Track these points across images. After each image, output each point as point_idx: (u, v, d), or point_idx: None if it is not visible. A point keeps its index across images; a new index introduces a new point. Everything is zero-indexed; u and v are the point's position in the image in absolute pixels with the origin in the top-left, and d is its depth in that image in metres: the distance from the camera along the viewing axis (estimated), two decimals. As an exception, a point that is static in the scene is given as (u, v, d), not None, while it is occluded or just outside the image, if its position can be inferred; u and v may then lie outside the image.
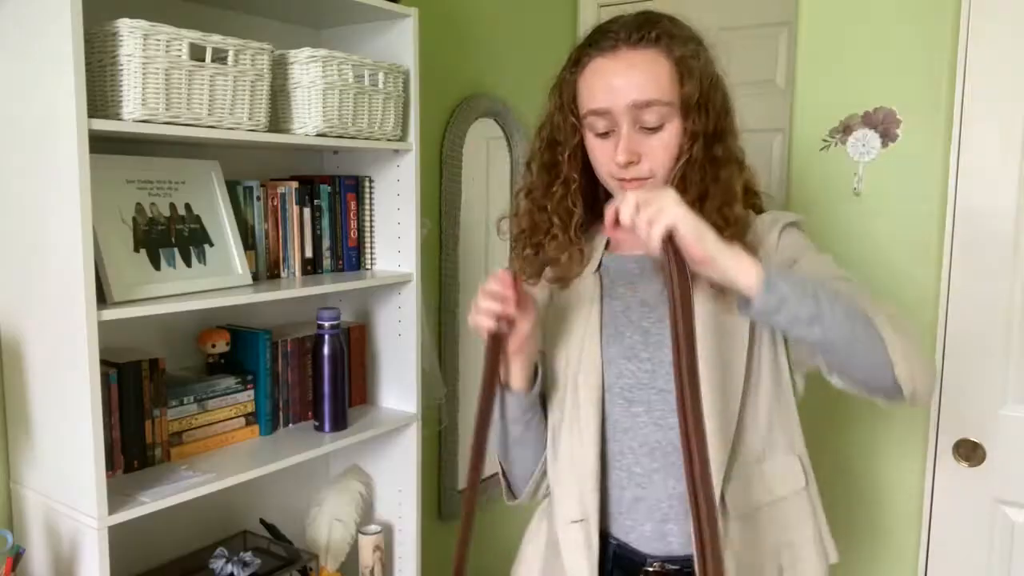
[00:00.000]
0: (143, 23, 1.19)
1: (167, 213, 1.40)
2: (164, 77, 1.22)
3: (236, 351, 1.58)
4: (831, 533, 1.18)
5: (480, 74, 2.21)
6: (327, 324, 1.62)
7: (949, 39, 1.65)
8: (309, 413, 1.68)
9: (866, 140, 1.76)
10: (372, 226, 1.76)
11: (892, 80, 1.72)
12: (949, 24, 1.65)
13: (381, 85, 1.58)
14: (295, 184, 1.61)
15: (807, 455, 1.18)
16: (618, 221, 0.96)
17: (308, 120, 1.47)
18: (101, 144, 1.30)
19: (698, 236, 0.92)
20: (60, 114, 1.14)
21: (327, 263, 1.68)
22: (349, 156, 1.78)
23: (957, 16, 1.63)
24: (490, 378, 1.10)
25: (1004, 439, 1.65)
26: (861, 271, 1.46)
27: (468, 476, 1.10)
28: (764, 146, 2.16)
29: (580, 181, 1.16)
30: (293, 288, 1.50)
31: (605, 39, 1.09)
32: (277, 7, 1.59)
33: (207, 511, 1.61)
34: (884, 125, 1.73)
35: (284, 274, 1.61)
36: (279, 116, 1.49)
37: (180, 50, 1.24)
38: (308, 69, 1.45)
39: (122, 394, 1.34)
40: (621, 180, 1.10)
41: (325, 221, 1.67)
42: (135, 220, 1.35)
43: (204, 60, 1.27)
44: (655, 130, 1.07)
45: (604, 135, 1.10)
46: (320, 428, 1.63)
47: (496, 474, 1.27)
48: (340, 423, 1.64)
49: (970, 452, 1.68)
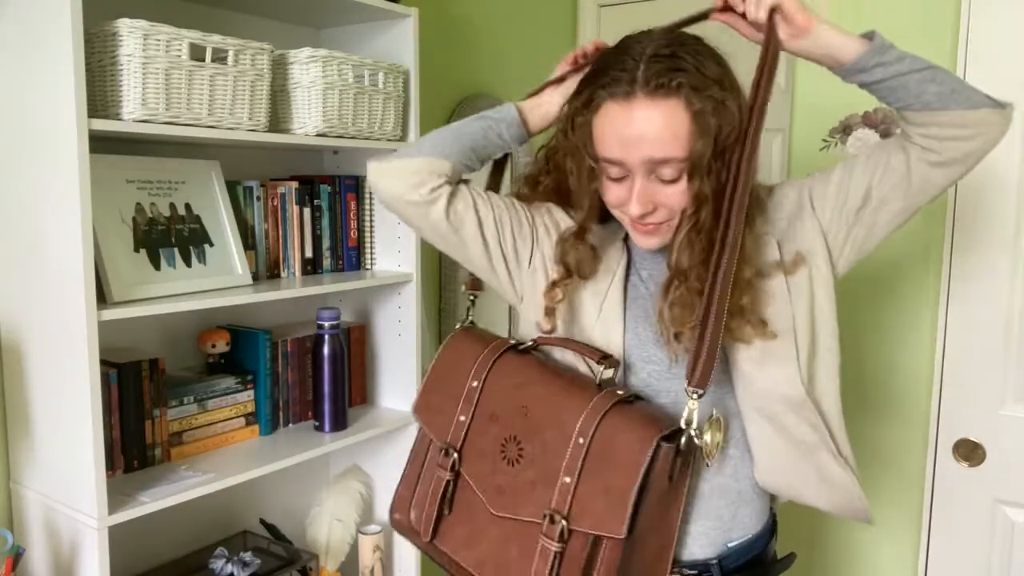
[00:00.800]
0: (143, 23, 1.19)
1: (167, 213, 1.40)
2: (164, 77, 1.22)
3: (236, 351, 1.58)
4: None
5: (480, 74, 2.21)
6: (327, 324, 1.62)
7: (949, 38, 1.65)
8: (309, 413, 1.68)
9: (866, 140, 1.76)
10: (372, 226, 1.76)
11: (892, 80, 1.72)
12: (949, 23, 1.65)
13: (381, 85, 1.58)
14: (295, 184, 1.61)
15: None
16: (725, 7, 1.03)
17: (308, 120, 1.47)
18: (101, 144, 1.30)
19: (801, 7, 1.00)
20: (60, 114, 1.14)
21: (327, 263, 1.68)
22: (349, 156, 1.78)
23: (957, 15, 1.63)
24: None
25: (1004, 439, 1.65)
26: (861, 271, 1.46)
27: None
28: (764, 146, 2.16)
29: (596, 211, 1.11)
30: (293, 288, 1.50)
31: (620, 82, 0.99)
32: (277, 7, 1.59)
33: (207, 511, 1.61)
34: (884, 125, 1.73)
35: (284, 274, 1.61)
36: (279, 116, 1.49)
37: (180, 50, 1.24)
38: (308, 69, 1.45)
39: (122, 394, 1.34)
40: (633, 221, 1.06)
41: (325, 221, 1.67)
42: (135, 220, 1.35)
43: (204, 60, 1.27)
44: (672, 181, 1.01)
45: (618, 180, 1.04)
46: (320, 428, 1.63)
47: None
48: (340, 423, 1.64)
49: (970, 452, 1.68)
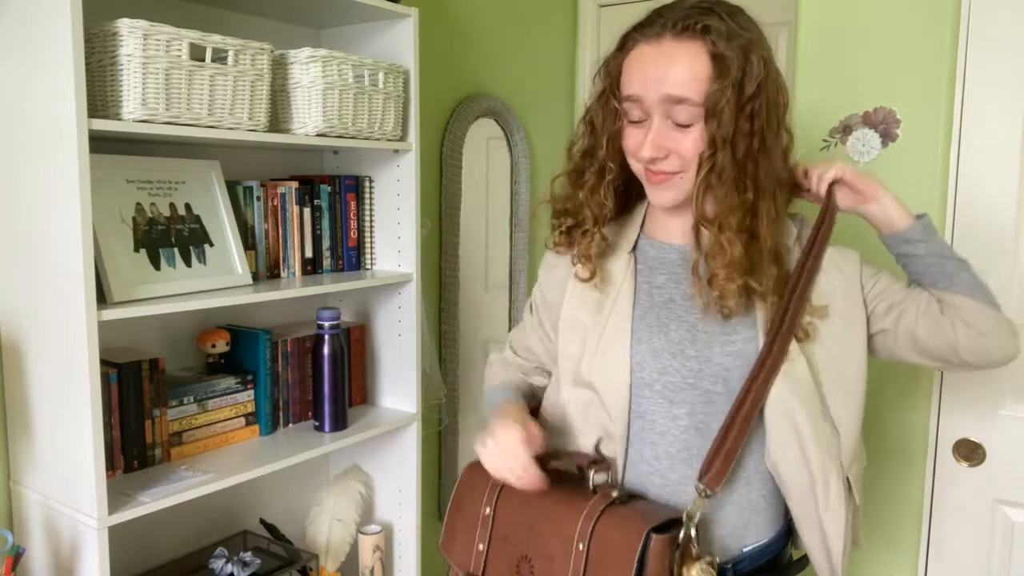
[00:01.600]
0: (143, 23, 1.19)
1: (167, 213, 1.40)
2: (164, 77, 1.22)
3: (236, 351, 1.58)
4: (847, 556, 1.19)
5: (480, 74, 2.21)
6: (327, 324, 1.62)
7: (949, 39, 1.65)
8: (309, 413, 1.68)
9: (866, 140, 1.75)
10: (372, 226, 1.76)
11: (892, 80, 1.72)
12: (949, 24, 1.65)
13: (381, 85, 1.58)
14: (295, 184, 1.61)
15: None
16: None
17: (308, 120, 1.47)
18: (101, 144, 1.30)
19: (863, 175, 1.11)
20: (60, 114, 1.14)
21: (327, 263, 1.68)
22: (349, 156, 1.78)
23: (957, 16, 1.63)
24: None
25: (1004, 439, 1.65)
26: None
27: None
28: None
29: (616, 171, 1.12)
30: (293, 288, 1.50)
31: (653, 24, 1.04)
32: (277, 7, 1.59)
33: (207, 511, 1.61)
34: (884, 125, 1.73)
35: (284, 274, 1.61)
36: (279, 116, 1.49)
37: (180, 50, 1.24)
38: (308, 69, 1.45)
39: (122, 394, 1.34)
40: (646, 171, 1.08)
41: (325, 221, 1.67)
42: (135, 220, 1.35)
43: (204, 60, 1.27)
44: (687, 127, 1.03)
45: (638, 123, 1.07)
46: (320, 428, 1.63)
47: None
48: (340, 423, 1.64)
49: (970, 452, 1.68)
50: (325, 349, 1.62)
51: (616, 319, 1.13)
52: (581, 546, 1.03)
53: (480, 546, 1.16)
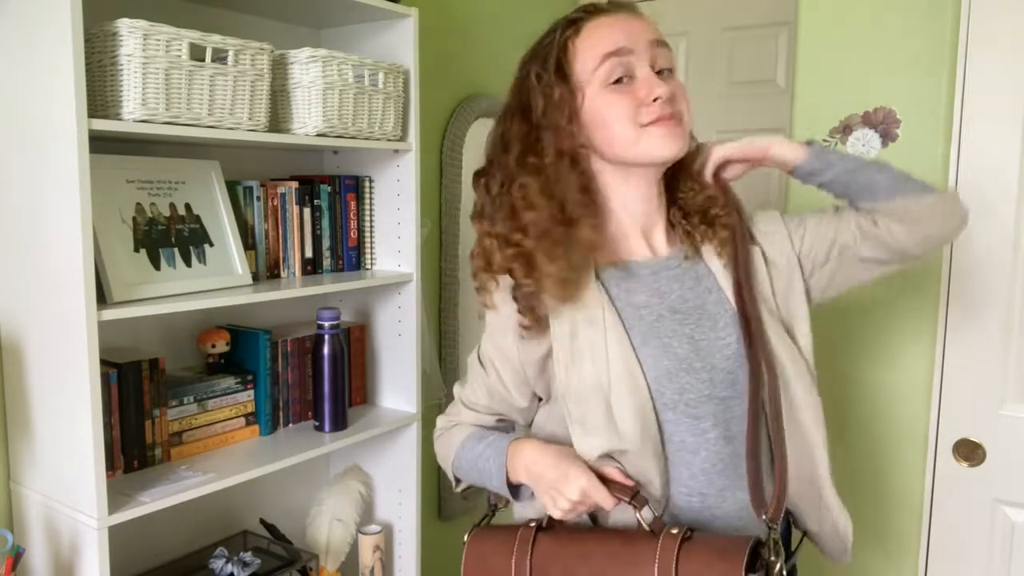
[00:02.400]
0: (143, 23, 1.19)
1: (167, 213, 1.40)
2: (164, 77, 1.22)
3: (236, 351, 1.58)
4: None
5: (480, 74, 2.21)
6: (327, 324, 1.62)
7: (949, 39, 1.65)
8: (309, 413, 1.68)
9: (866, 140, 1.76)
10: (372, 226, 1.76)
11: (892, 80, 1.72)
12: (949, 24, 1.65)
13: (381, 85, 1.58)
14: (295, 184, 1.61)
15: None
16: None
17: (308, 120, 1.47)
18: (101, 144, 1.30)
19: (747, 143, 1.13)
20: (60, 114, 1.14)
21: (327, 263, 1.68)
22: (349, 156, 1.78)
23: (957, 16, 1.63)
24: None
25: (1004, 439, 1.65)
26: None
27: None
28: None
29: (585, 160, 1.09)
30: (293, 288, 1.50)
31: (598, 7, 1.11)
32: (277, 7, 1.59)
33: (207, 511, 1.61)
34: (884, 125, 1.73)
35: (284, 274, 1.61)
36: (279, 116, 1.49)
37: (180, 50, 1.24)
38: (308, 69, 1.45)
39: (122, 394, 1.34)
40: (658, 121, 1.04)
41: (325, 221, 1.67)
42: (135, 220, 1.35)
43: (204, 60, 1.27)
44: (668, 72, 1.08)
45: (619, 83, 1.05)
46: (320, 428, 1.63)
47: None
48: (340, 423, 1.64)
49: (970, 452, 1.68)
50: (325, 349, 1.62)
51: (618, 354, 1.04)
52: None
53: None
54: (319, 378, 1.63)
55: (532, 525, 1.07)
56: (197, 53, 1.27)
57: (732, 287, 1.12)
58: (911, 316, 1.77)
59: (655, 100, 1.04)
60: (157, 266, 1.35)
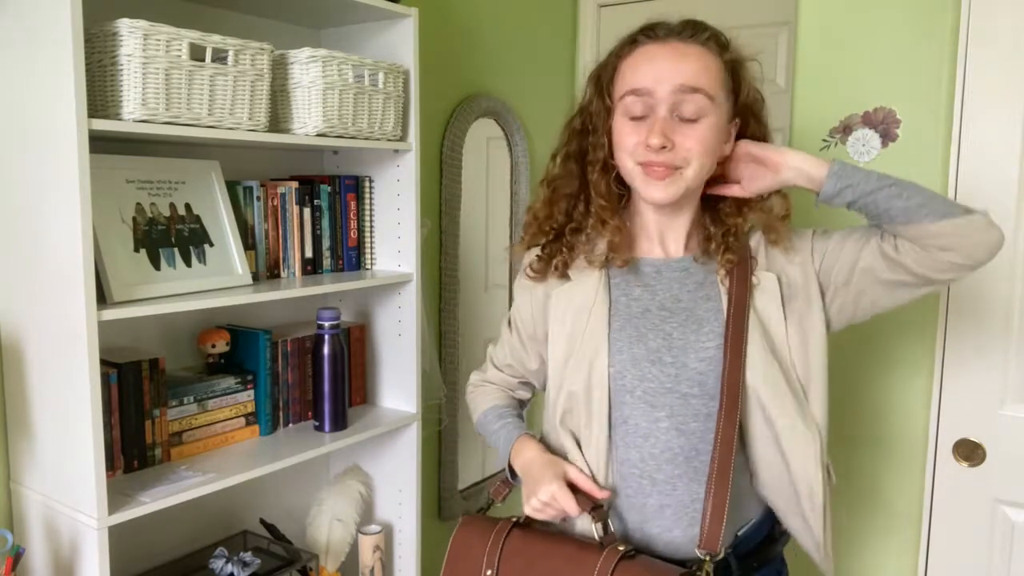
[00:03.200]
0: (143, 23, 1.19)
1: (167, 213, 1.40)
2: (164, 77, 1.22)
3: (236, 351, 1.58)
4: (831, 530, 1.20)
5: (480, 74, 2.21)
6: (327, 324, 1.62)
7: (949, 39, 1.65)
8: (309, 413, 1.68)
9: (866, 140, 1.75)
10: (372, 226, 1.76)
11: (892, 80, 1.72)
12: (949, 24, 1.65)
13: (381, 85, 1.58)
14: (295, 184, 1.61)
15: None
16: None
17: (308, 120, 1.47)
18: (101, 144, 1.30)
19: (764, 146, 1.14)
20: (60, 114, 1.14)
21: (327, 263, 1.68)
22: (349, 156, 1.78)
23: (957, 16, 1.63)
24: None
25: (1004, 439, 1.65)
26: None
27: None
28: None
29: (613, 169, 1.17)
30: (293, 288, 1.50)
31: (656, 30, 1.12)
32: (277, 7, 1.59)
33: (207, 511, 1.61)
34: (884, 125, 1.73)
35: (284, 274, 1.61)
36: (279, 116, 1.49)
37: (180, 50, 1.24)
38: (308, 69, 1.45)
39: (122, 394, 1.34)
40: (646, 165, 1.10)
41: (325, 221, 1.67)
42: (135, 220, 1.35)
43: (204, 60, 1.27)
44: (692, 121, 1.08)
45: (638, 119, 1.10)
46: (320, 428, 1.63)
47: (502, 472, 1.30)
48: (340, 423, 1.64)
49: (970, 452, 1.68)
50: (325, 349, 1.62)
51: (593, 331, 1.17)
52: None
53: None
54: (319, 378, 1.63)
55: (512, 520, 1.20)
56: (197, 53, 1.27)
57: (726, 307, 1.14)
58: (911, 315, 1.77)
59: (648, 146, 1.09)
60: (157, 266, 1.35)
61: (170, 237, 1.39)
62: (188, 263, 1.40)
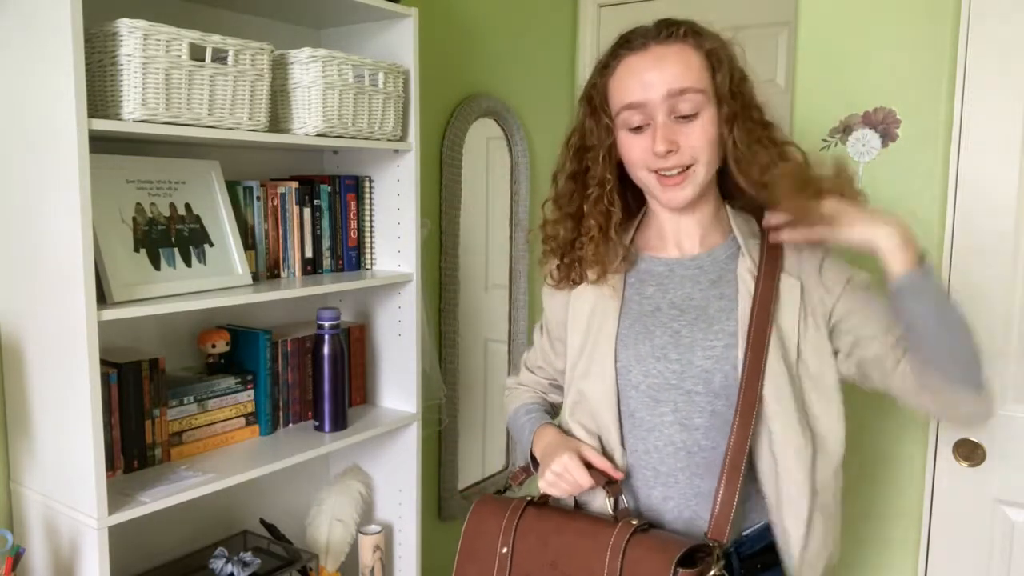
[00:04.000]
0: (143, 23, 1.19)
1: (167, 213, 1.40)
2: (164, 77, 1.22)
3: (236, 351, 1.58)
4: (818, 548, 1.21)
5: (480, 74, 2.21)
6: (327, 324, 1.62)
7: (949, 39, 1.65)
8: (309, 413, 1.68)
9: (866, 140, 1.75)
10: (372, 226, 1.76)
11: (892, 80, 1.72)
12: (949, 24, 1.65)
13: (381, 85, 1.58)
14: (295, 184, 1.61)
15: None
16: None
17: (308, 120, 1.47)
18: (101, 144, 1.30)
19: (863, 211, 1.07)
20: (60, 114, 1.14)
21: (327, 263, 1.68)
22: (349, 156, 1.78)
23: (957, 16, 1.63)
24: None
25: (1004, 439, 1.65)
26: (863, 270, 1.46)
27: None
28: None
29: (615, 182, 1.20)
30: (293, 288, 1.50)
31: (633, 40, 1.13)
32: (277, 7, 1.59)
33: (207, 511, 1.61)
34: (884, 125, 1.73)
35: (284, 274, 1.61)
36: (279, 116, 1.49)
37: (180, 50, 1.24)
38: (308, 69, 1.45)
39: (122, 394, 1.34)
40: (660, 173, 1.13)
41: (325, 221, 1.67)
42: (135, 220, 1.35)
43: (204, 60, 1.27)
44: (690, 118, 1.10)
45: (638, 130, 1.13)
46: (320, 428, 1.63)
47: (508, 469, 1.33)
48: (340, 423, 1.64)
49: (970, 452, 1.68)
50: (325, 349, 1.62)
51: (604, 328, 1.20)
52: None
53: None
54: (319, 378, 1.63)
55: (527, 499, 1.22)
56: (197, 53, 1.27)
57: (748, 306, 1.14)
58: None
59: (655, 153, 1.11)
60: (157, 266, 1.35)
61: (170, 237, 1.39)
62: (188, 263, 1.40)
